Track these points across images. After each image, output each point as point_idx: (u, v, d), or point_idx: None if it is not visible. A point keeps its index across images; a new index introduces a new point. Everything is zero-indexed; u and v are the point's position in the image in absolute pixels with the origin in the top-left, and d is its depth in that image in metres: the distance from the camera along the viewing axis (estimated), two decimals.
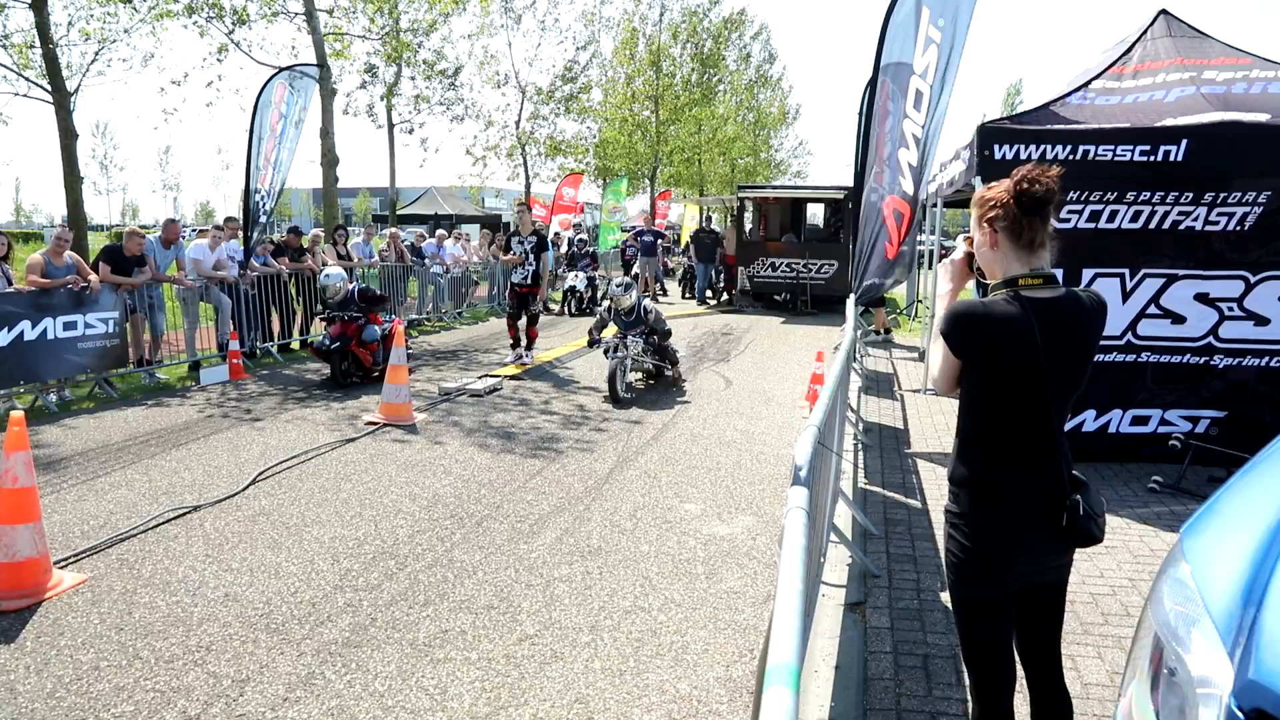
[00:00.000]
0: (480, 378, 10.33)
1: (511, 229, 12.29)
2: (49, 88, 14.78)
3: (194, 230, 32.96)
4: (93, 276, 9.55)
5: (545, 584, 4.60)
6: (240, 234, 12.41)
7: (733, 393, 9.86)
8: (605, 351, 9.74)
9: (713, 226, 22.89)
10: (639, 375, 10.28)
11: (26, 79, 15.17)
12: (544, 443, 7.52)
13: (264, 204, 12.49)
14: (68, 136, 14.86)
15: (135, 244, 10.41)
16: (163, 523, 5.47)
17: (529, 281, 11.50)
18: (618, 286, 9.96)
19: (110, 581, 4.61)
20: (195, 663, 3.77)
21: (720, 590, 4.54)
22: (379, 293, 10.88)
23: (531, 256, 11.41)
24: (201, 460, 6.89)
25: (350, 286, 10.48)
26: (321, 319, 10.92)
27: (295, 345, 12.86)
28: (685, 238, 27.30)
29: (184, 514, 5.64)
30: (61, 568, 4.71)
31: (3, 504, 4.40)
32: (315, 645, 3.93)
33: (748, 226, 20.63)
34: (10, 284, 9.07)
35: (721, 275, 21.08)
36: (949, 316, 2.43)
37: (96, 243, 15.21)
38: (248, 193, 12.24)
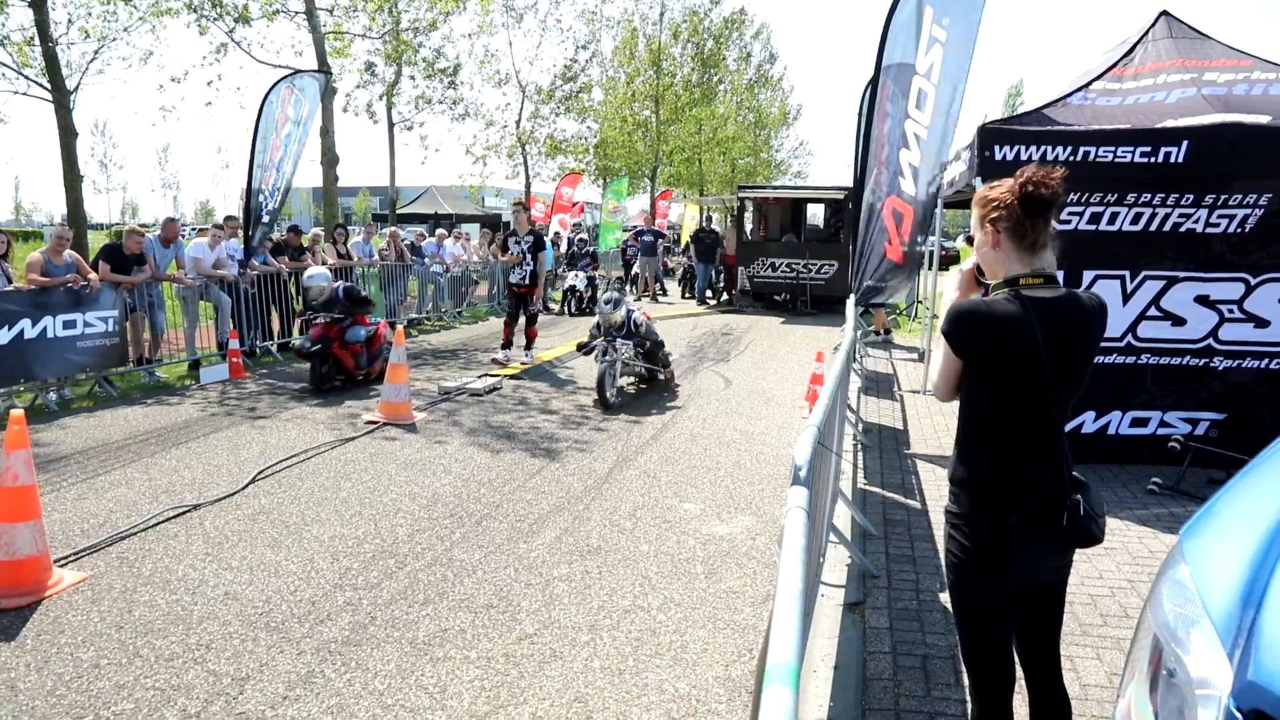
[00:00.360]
0: (480, 377, 10.33)
1: (509, 229, 12.29)
2: (49, 86, 14.77)
3: (193, 229, 32.94)
4: (92, 275, 9.55)
5: (544, 583, 4.60)
6: (240, 233, 12.42)
7: (732, 393, 9.86)
8: (594, 355, 9.49)
9: (713, 226, 22.89)
10: (630, 379, 10.10)
11: (26, 77, 15.17)
12: (543, 442, 7.52)
13: (266, 204, 12.51)
14: (67, 135, 14.85)
15: (135, 242, 10.42)
16: (163, 521, 5.47)
17: (527, 281, 11.50)
18: (606, 304, 9.48)
19: (110, 580, 4.61)
20: (195, 661, 3.78)
21: (719, 590, 4.55)
22: (364, 294, 10.55)
23: (529, 256, 11.41)
24: (201, 459, 6.90)
25: (335, 286, 10.11)
26: (303, 319, 10.39)
27: (295, 344, 12.84)
28: (685, 237, 27.30)
29: (184, 512, 5.64)
30: (62, 566, 4.72)
31: (3, 502, 4.40)
32: (315, 644, 3.93)
33: (748, 226, 20.63)
34: (10, 282, 9.07)
35: (721, 275, 21.08)
36: (950, 315, 2.43)
37: (96, 241, 15.21)
38: (249, 192, 12.26)
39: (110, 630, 4.06)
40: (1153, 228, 6.35)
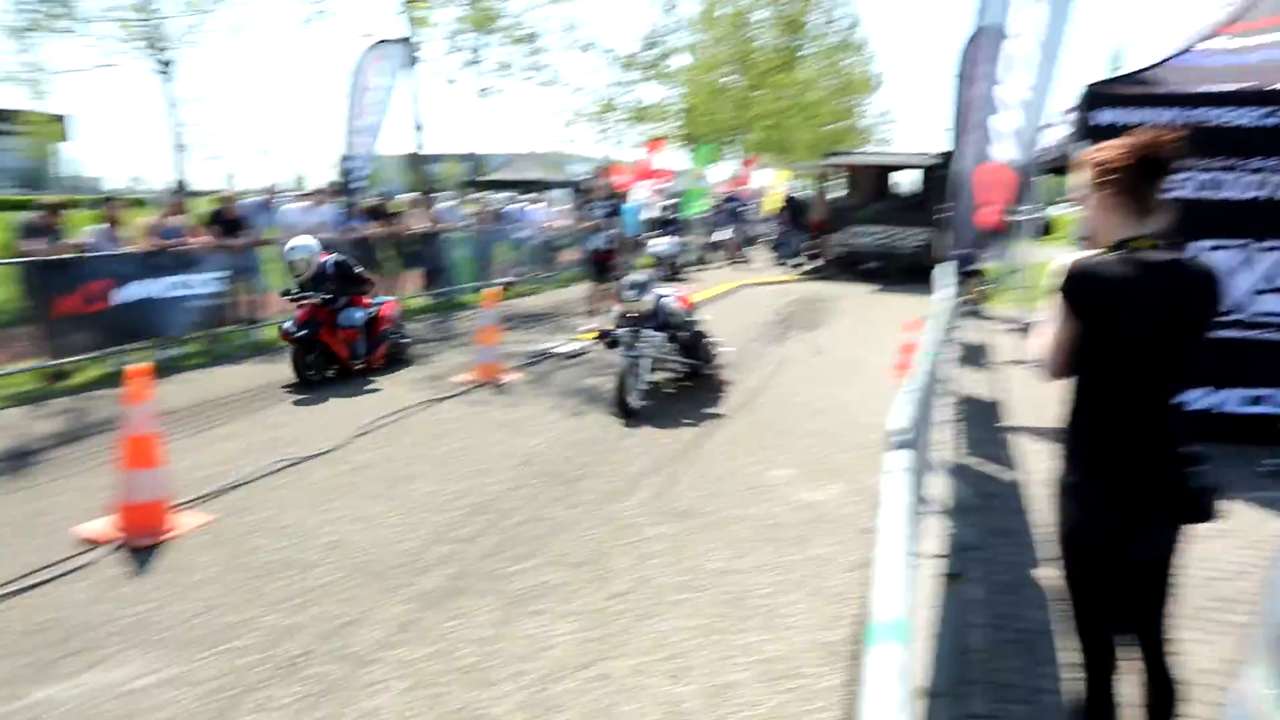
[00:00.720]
0: (568, 340, 10.45)
1: (588, 195, 12.35)
2: (151, 58, 15.32)
3: (291, 195, 33.96)
4: (199, 239, 9.97)
5: (636, 543, 4.67)
6: (336, 198, 12.78)
7: (822, 361, 9.76)
8: (617, 346, 7.56)
9: (801, 193, 22.55)
10: (666, 376, 8.26)
11: (131, 51, 15.75)
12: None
13: (358, 170, 12.86)
14: (170, 105, 15.43)
15: (237, 209, 10.84)
16: (272, 472, 5.75)
17: (608, 247, 11.54)
18: (630, 288, 7.62)
19: (226, 526, 4.87)
20: (305, 604, 3.97)
21: (810, 556, 4.54)
22: (359, 271, 9.00)
23: (609, 222, 11.45)
24: (303, 415, 7.21)
25: (325, 260, 8.61)
26: (287, 298, 8.70)
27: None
28: (773, 205, 26.94)
29: (291, 465, 5.89)
30: (181, 512, 5.00)
31: (129, 451, 4.69)
32: (416, 592, 4.09)
33: (836, 194, 20.26)
34: (123, 247, 9.53)
35: (810, 243, 20.77)
36: (1066, 273, 2.36)
37: (200, 208, 15.83)
38: (343, 159, 12.60)
39: (227, 572, 4.30)
40: (1277, 196, 6.00)
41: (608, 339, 7.71)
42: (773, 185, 31.92)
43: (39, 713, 3.22)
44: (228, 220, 10.71)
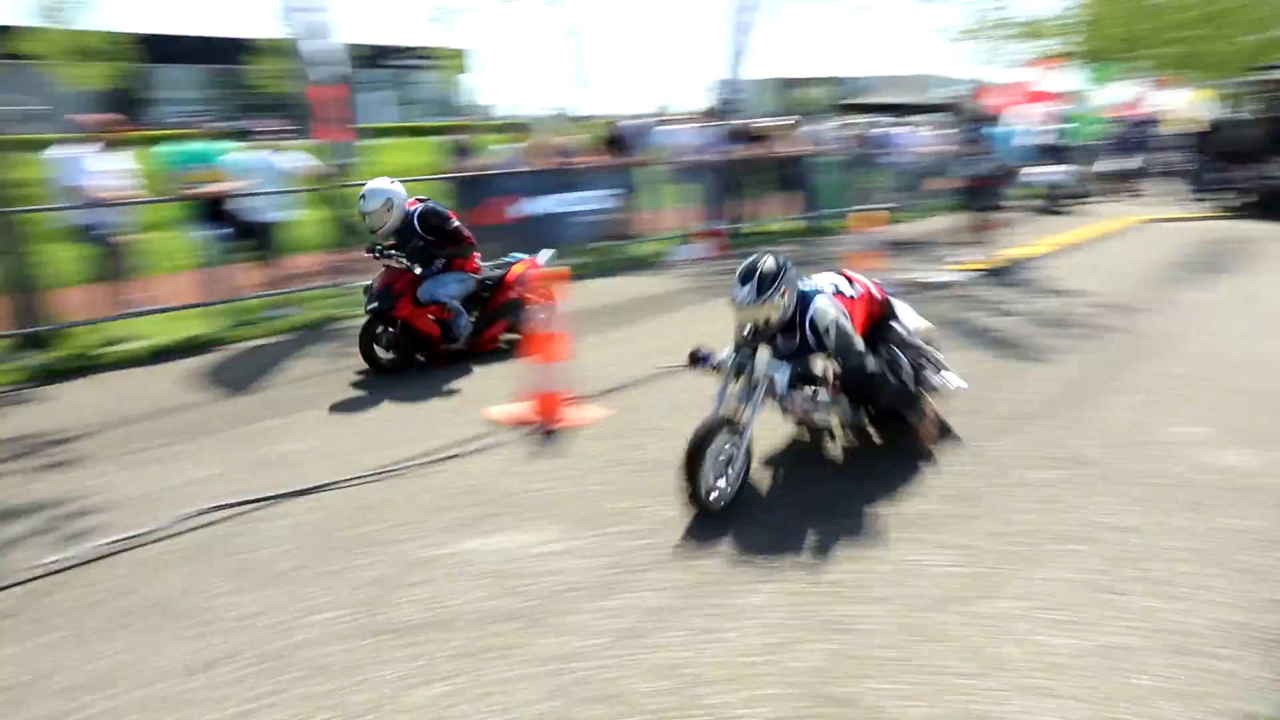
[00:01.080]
0: (938, 270, 10.02)
1: (963, 118, 11.63)
2: None
3: (670, 119, 35.56)
4: (592, 159, 10.86)
5: (1009, 485, 4.44)
6: (712, 121, 13.21)
7: (1251, 312, 8.39)
8: (712, 370, 4.50)
9: (1221, 117, 19.31)
10: (829, 421, 4.82)
11: None
12: (1008, 343, 7.14)
13: (732, 93, 13.17)
14: (563, 35, 16.74)
15: (621, 130, 11.62)
16: (654, 377, 6.27)
17: (984, 173, 10.81)
18: (742, 283, 4.21)
19: (616, 421, 5.43)
20: (677, 502, 4.24)
21: (1220, 526, 4.02)
22: (455, 226, 6.74)
23: (983, 146, 10.70)
24: (679, 325, 7.76)
25: (412, 209, 6.63)
26: (372, 257, 6.78)
27: (747, 229, 13.43)
28: (1180, 129, 23.46)
29: (670, 371, 6.34)
30: (581, 404, 5.63)
31: (539, 346, 5.34)
32: (784, 503, 4.29)
33: (1265, 117, 17.04)
34: (525, 166, 10.68)
35: (1229, 175, 17.81)
36: None
37: (587, 131, 17.15)
38: (720, 83, 12.96)
39: (616, 463, 4.83)
40: None
41: (705, 363, 4.51)
42: (1182, 108, 27.69)
43: (463, 560, 3.86)
44: (616, 140, 11.54)
